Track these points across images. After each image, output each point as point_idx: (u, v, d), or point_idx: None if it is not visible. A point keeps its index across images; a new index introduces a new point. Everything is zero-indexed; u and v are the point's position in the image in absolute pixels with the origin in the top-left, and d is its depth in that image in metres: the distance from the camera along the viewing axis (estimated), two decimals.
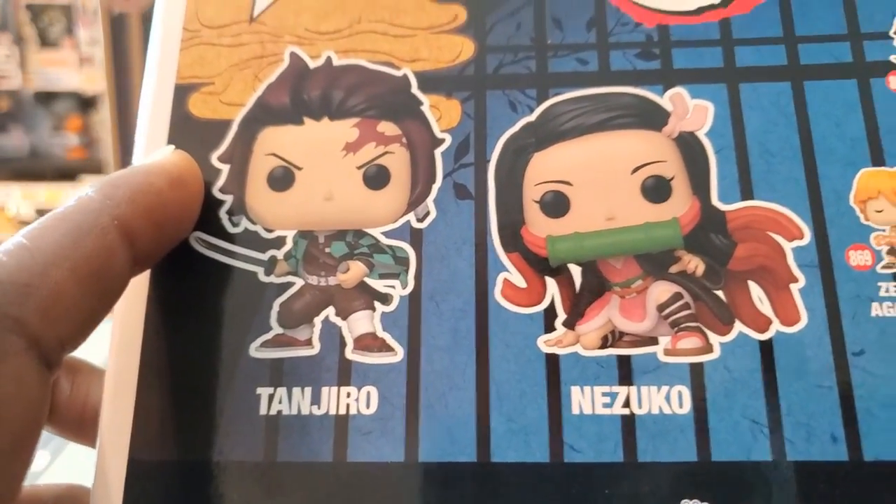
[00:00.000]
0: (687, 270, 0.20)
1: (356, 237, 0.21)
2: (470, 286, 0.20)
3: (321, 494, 0.19)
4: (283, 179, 0.22)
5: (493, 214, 0.21)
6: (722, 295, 0.20)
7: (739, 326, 0.20)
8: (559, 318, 0.20)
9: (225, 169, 0.22)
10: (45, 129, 1.70)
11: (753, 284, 0.20)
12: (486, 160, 0.22)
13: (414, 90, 0.22)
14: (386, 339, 0.20)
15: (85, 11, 1.61)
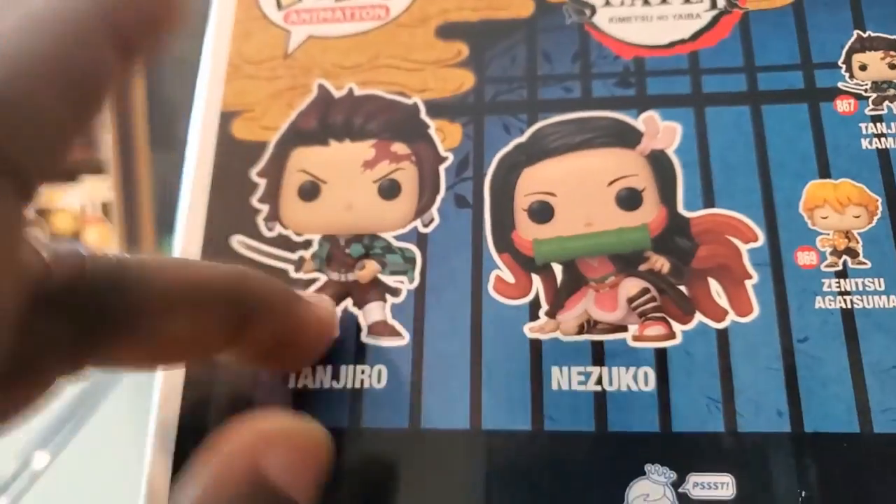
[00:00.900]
0: (654, 268, 0.22)
1: (371, 240, 0.24)
2: (467, 281, 0.22)
3: (338, 455, 0.21)
4: (311, 192, 0.24)
5: (487, 221, 0.23)
6: (685, 289, 0.22)
7: (699, 317, 0.21)
8: (542, 308, 0.22)
9: (262, 183, 0.25)
10: None
11: (713, 281, 0.22)
12: (482, 175, 0.24)
13: (422, 116, 0.25)
14: (395, 326, 0.22)
15: None
